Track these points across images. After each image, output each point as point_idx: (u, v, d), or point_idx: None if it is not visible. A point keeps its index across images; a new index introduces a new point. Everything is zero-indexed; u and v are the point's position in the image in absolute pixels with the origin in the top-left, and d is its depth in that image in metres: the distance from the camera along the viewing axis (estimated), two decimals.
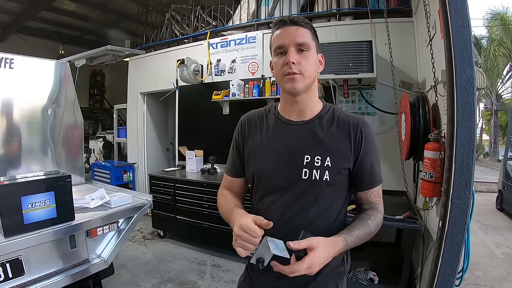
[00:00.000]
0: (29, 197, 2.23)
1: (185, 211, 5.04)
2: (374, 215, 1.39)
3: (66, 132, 3.73)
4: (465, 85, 2.18)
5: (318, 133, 1.39)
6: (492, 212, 8.29)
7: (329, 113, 1.44)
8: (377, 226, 1.38)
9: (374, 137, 1.41)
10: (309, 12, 5.15)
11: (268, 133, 1.48)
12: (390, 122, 4.42)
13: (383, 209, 1.44)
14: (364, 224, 1.35)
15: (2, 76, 3.18)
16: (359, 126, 1.38)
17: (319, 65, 1.42)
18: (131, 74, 7.22)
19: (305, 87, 1.35)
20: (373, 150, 1.39)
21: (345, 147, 1.37)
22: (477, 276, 4.46)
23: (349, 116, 1.43)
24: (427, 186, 2.74)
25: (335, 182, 1.36)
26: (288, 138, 1.42)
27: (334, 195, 1.40)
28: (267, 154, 1.45)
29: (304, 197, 1.37)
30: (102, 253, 2.87)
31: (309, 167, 1.35)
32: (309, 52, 1.33)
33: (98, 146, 9.01)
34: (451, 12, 2.22)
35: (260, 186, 1.48)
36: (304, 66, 1.32)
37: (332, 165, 1.34)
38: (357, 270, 3.41)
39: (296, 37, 1.31)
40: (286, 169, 1.39)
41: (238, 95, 5.21)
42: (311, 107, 1.44)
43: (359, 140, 1.37)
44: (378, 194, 1.44)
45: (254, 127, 1.53)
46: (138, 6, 7.57)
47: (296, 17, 1.36)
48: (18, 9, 7.76)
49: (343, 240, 1.25)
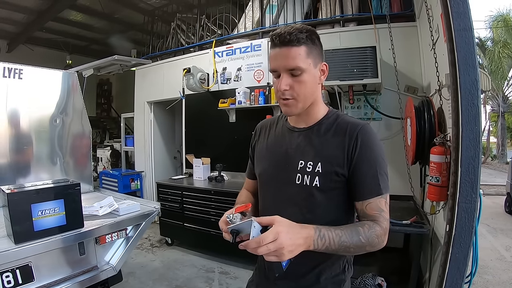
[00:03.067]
0: (39, 204, 2.26)
1: (192, 219, 5.05)
2: (369, 226, 1.26)
3: (74, 141, 3.77)
4: (469, 88, 2.18)
5: (313, 139, 1.40)
6: (501, 215, 8.24)
7: (331, 119, 1.43)
8: (370, 239, 1.25)
9: (373, 144, 1.34)
10: (313, 19, 5.18)
11: (273, 139, 1.54)
12: (396, 127, 4.42)
13: (386, 226, 1.29)
14: (352, 229, 1.25)
15: (12, 86, 3.23)
16: (355, 132, 1.33)
17: (321, 76, 1.38)
18: (138, 83, 7.29)
19: (300, 109, 1.37)
20: (371, 158, 1.31)
21: (337, 153, 1.34)
22: (487, 280, 4.42)
23: (349, 122, 1.38)
24: (434, 190, 2.73)
25: (326, 188, 1.34)
26: (288, 144, 1.46)
27: (331, 202, 1.37)
28: (268, 158, 1.51)
29: (297, 202, 1.38)
30: (111, 260, 2.88)
31: (302, 172, 1.37)
32: (302, 75, 1.30)
33: (105, 154, 9.05)
34: (454, 16, 2.23)
35: (262, 187, 1.56)
36: (297, 91, 1.31)
37: (323, 171, 1.33)
38: (365, 275, 3.39)
39: (287, 62, 1.28)
40: (283, 172, 1.42)
41: (244, 103, 5.23)
42: (313, 115, 1.44)
43: (354, 147, 1.32)
44: (378, 207, 1.29)
45: (264, 132, 1.61)
46: (144, 16, 7.65)
47: (289, 33, 1.26)
48: (26, 20, 7.85)
49: (315, 227, 1.18)
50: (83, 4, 7.18)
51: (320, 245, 1.17)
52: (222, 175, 5.39)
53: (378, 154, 1.33)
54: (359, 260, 3.73)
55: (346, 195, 1.36)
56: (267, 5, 5.54)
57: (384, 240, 1.30)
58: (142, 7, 7.44)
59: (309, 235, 1.15)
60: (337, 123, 1.40)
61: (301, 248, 1.14)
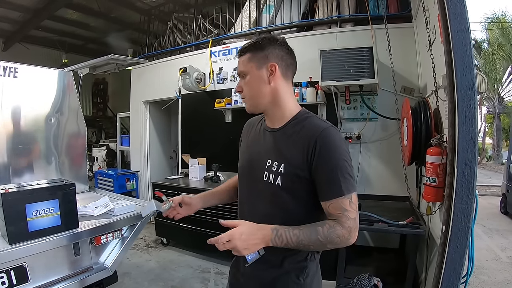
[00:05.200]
0: (33, 204, 2.24)
1: (188, 219, 4.96)
2: (329, 226, 1.34)
3: (70, 140, 3.74)
4: (465, 89, 2.19)
5: (280, 140, 1.51)
6: (496, 216, 8.28)
7: (298, 121, 1.50)
8: (330, 238, 1.33)
9: (333, 148, 1.38)
10: (310, 20, 5.19)
11: (253, 137, 1.69)
12: (392, 128, 4.43)
13: (349, 226, 1.34)
14: (312, 228, 1.34)
15: (7, 85, 3.20)
16: (315, 136, 1.39)
17: (270, 76, 1.49)
18: (134, 82, 7.27)
19: (253, 107, 1.55)
20: (330, 161, 1.37)
21: (299, 156, 1.41)
22: (482, 281, 4.44)
23: (314, 125, 1.45)
24: (430, 191, 2.74)
25: (288, 188, 1.43)
26: (262, 143, 1.59)
27: (297, 201, 1.45)
28: (246, 154, 1.68)
29: (264, 197, 1.50)
30: (106, 260, 2.86)
31: (268, 170, 1.48)
32: (246, 77, 1.51)
33: (101, 154, 9.02)
34: (451, 17, 2.23)
35: (239, 180, 1.72)
36: (245, 91, 1.53)
37: (285, 172, 1.43)
38: (361, 276, 3.40)
39: (238, 68, 1.55)
40: (254, 169, 1.55)
41: (240, 103, 5.20)
42: (280, 117, 1.53)
43: (313, 151, 1.38)
44: (341, 207, 1.35)
45: (248, 130, 1.76)
46: (141, 15, 7.63)
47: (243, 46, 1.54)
48: (22, 18, 7.83)
49: (273, 228, 1.32)
50: (80, 2, 7.17)
51: (278, 243, 1.32)
52: (218, 175, 5.37)
53: (338, 157, 1.38)
54: (354, 261, 3.74)
55: (313, 194, 1.43)
56: (264, 5, 5.53)
57: (350, 238, 1.35)
58: (139, 6, 7.43)
59: (265, 236, 1.31)
60: (303, 125, 1.47)
61: (258, 246, 1.32)
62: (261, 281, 1.56)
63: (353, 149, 4.67)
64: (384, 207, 3.92)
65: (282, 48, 1.52)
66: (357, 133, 4.61)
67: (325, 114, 4.86)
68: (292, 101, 1.56)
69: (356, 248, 4.36)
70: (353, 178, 1.40)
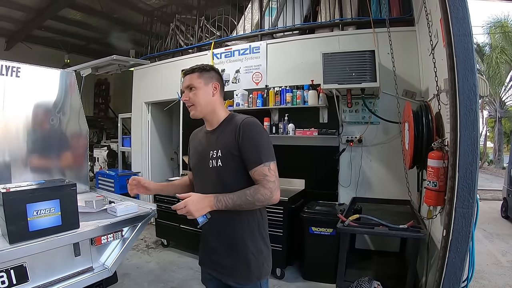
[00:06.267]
0: (34, 204, 2.24)
1: (189, 220, 4.99)
2: (254, 188, 1.81)
3: (71, 140, 3.75)
4: (467, 93, 2.19)
5: (217, 135, 1.98)
6: (497, 220, 8.25)
7: (228, 119, 2.01)
8: (256, 197, 1.79)
9: (252, 129, 1.87)
10: (312, 22, 5.19)
11: (198, 141, 2.15)
12: (394, 131, 4.43)
13: (270, 187, 1.80)
14: (241, 192, 1.80)
15: (9, 84, 3.21)
16: (238, 123, 1.89)
17: (214, 92, 2.01)
18: (136, 83, 7.27)
19: (200, 112, 1.98)
20: (250, 138, 1.84)
21: (230, 140, 1.88)
22: (483, 285, 4.42)
23: (238, 118, 1.95)
24: (431, 195, 2.74)
25: (228, 165, 1.89)
26: (205, 142, 2.05)
27: (233, 176, 1.89)
28: (195, 154, 2.14)
29: (211, 181, 1.93)
30: (106, 261, 2.86)
31: (211, 158, 1.93)
32: (196, 89, 1.96)
33: (102, 154, 9.01)
34: (453, 21, 2.24)
35: (194, 175, 2.19)
36: (192, 100, 1.97)
37: (222, 154, 1.90)
38: (361, 279, 3.39)
39: (185, 83, 2.01)
40: (202, 162, 2.01)
41: (242, 105, 5.23)
42: (216, 121, 2.02)
43: (238, 133, 1.85)
44: (262, 173, 1.81)
45: (194, 139, 2.22)
46: (143, 16, 7.64)
47: (191, 67, 2.04)
48: (25, 18, 7.83)
49: (215, 196, 1.80)
50: (83, 3, 7.17)
51: (219, 206, 1.79)
52: None
53: (255, 135, 1.87)
54: (355, 264, 3.74)
55: (244, 170, 1.87)
56: (267, 7, 5.54)
57: (272, 196, 1.82)
58: (141, 7, 7.44)
59: (210, 202, 1.79)
60: (231, 121, 1.97)
61: (206, 210, 1.79)
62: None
63: (354, 152, 4.68)
64: (384, 210, 3.92)
65: (219, 75, 2.09)
66: (359, 136, 4.61)
67: (326, 117, 4.86)
68: (224, 109, 2.07)
69: (357, 252, 4.36)
70: (270, 151, 1.87)
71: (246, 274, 1.93)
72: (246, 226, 1.94)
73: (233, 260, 1.95)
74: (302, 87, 4.81)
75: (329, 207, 4.40)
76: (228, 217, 1.90)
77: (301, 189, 4.95)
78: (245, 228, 1.94)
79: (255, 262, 1.94)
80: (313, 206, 4.43)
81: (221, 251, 1.99)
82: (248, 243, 1.93)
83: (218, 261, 2.01)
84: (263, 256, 1.98)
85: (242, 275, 1.94)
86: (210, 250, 2.05)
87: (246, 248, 1.93)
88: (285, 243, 4.23)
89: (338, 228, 3.28)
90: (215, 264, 2.03)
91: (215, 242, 2.01)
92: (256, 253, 1.94)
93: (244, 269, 1.93)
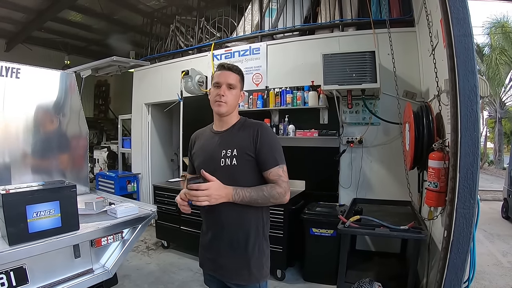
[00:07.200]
0: (34, 206, 2.24)
1: (189, 222, 5.01)
2: (271, 186, 1.90)
3: (71, 141, 3.75)
4: (468, 94, 2.19)
5: (230, 136, 2.04)
6: (498, 221, 8.24)
7: (240, 122, 2.09)
8: (272, 193, 1.88)
9: (269, 134, 1.99)
10: (312, 23, 5.18)
11: (204, 141, 2.17)
12: (394, 132, 4.43)
13: (284, 186, 1.91)
14: (259, 188, 1.89)
15: (9, 85, 3.21)
16: (256, 127, 1.98)
17: (241, 98, 2.12)
18: (136, 84, 7.27)
19: (226, 111, 2.03)
20: (266, 142, 1.94)
21: (247, 141, 1.95)
22: (484, 286, 4.41)
23: (253, 123, 2.05)
24: (432, 196, 2.73)
25: (242, 165, 1.93)
26: (214, 142, 2.07)
27: (244, 174, 1.94)
28: (202, 153, 2.13)
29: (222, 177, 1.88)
30: (106, 263, 2.86)
31: (224, 157, 1.96)
32: (234, 90, 2.04)
33: (102, 156, 9.02)
34: (453, 22, 2.23)
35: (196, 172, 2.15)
36: (228, 99, 2.01)
37: (238, 154, 1.94)
38: (362, 280, 3.38)
39: (228, 79, 2.02)
40: (213, 161, 2.00)
41: (242, 106, 5.20)
42: (230, 122, 2.09)
43: (257, 137, 1.94)
44: (277, 173, 1.92)
45: (198, 139, 2.25)
46: (143, 18, 7.66)
47: (232, 65, 2.09)
48: (25, 19, 7.84)
49: (234, 188, 1.85)
50: (83, 4, 7.17)
51: (236, 198, 1.84)
52: None
53: (273, 139, 2.00)
54: (355, 265, 3.73)
55: (257, 169, 1.95)
56: (267, 8, 5.54)
57: (285, 195, 1.92)
58: (141, 9, 7.44)
59: (228, 192, 1.83)
60: (245, 124, 2.07)
61: (223, 199, 1.82)
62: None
63: (354, 153, 4.67)
64: (385, 211, 3.91)
65: None
66: (359, 137, 4.60)
67: (327, 118, 4.86)
68: (237, 114, 2.14)
69: (357, 253, 4.35)
70: (282, 155, 1.99)
71: (246, 275, 1.94)
72: (251, 226, 1.97)
73: (234, 260, 1.96)
74: (302, 88, 4.81)
75: (329, 208, 4.39)
76: (234, 216, 1.94)
77: (302, 190, 4.94)
78: (251, 228, 1.97)
79: (256, 263, 1.96)
80: (313, 207, 4.42)
81: (222, 251, 1.99)
82: (251, 243, 1.95)
83: (218, 262, 2.01)
84: (265, 258, 2.01)
85: (242, 276, 1.95)
86: (211, 250, 2.05)
87: (249, 248, 1.95)
88: (285, 244, 4.22)
89: (339, 229, 3.27)
90: (215, 265, 2.04)
91: (217, 242, 2.02)
92: (258, 254, 1.97)
93: (245, 270, 1.94)
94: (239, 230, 1.96)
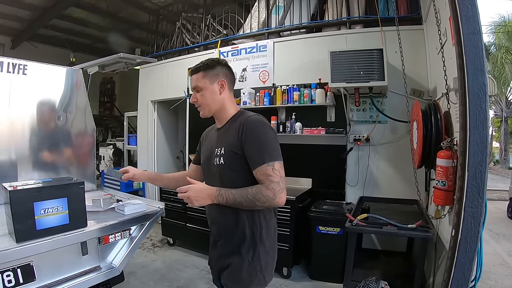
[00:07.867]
0: (41, 203, 2.24)
1: (195, 219, 5.03)
2: (256, 188, 1.76)
3: (77, 138, 3.75)
4: (477, 92, 2.17)
5: (224, 133, 1.99)
6: (504, 220, 8.20)
7: (234, 117, 2.00)
8: (257, 197, 1.73)
9: (256, 128, 1.84)
10: (319, 21, 5.16)
11: (209, 138, 2.17)
12: (402, 130, 4.41)
13: (273, 188, 1.74)
14: (243, 190, 1.77)
15: (15, 82, 3.22)
16: (243, 122, 1.87)
17: (221, 89, 1.98)
18: (142, 82, 7.28)
19: (208, 112, 2.00)
20: (253, 138, 1.81)
21: (233, 138, 1.87)
22: (489, 286, 4.39)
23: (244, 116, 1.94)
24: (440, 195, 2.72)
25: (230, 163, 1.88)
26: (213, 139, 2.06)
27: (236, 173, 1.88)
28: (204, 151, 2.16)
29: (215, 177, 1.94)
30: (114, 260, 2.86)
31: (216, 156, 1.94)
32: (202, 90, 1.96)
33: (108, 153, 9.05)
34: (462, 19, 2.22)
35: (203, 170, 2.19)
36: (200, 102, 1.98)
37: (225, 152, 1.89)
38: (368, 279, 3.38)
39: (193, 83, 1.99)
40: (209, 160, 2.02)
41: (249, 103, 5.21)
42: (223, 117, 2.03)
43: (242, 131, 1.83)
44: (265, 173, 1.75)
45: (207, 136, 2.24)
46: (149, 15, 7.67)
47: (196, 65, 2.02)
48: (30, 17, 7.88)
49: (217, 189, 1.80)
50: (88, 2, 7.20)
51: (220, 200, 1.78)
52: None
53: (260, 133, 1.83)
54: (362, 264, 3.72)
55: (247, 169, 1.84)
56: (273, 5, 5.52)
57: (275, 198, 1.75)
58: (147, 6, 7.46)
59: (211, 193, 1.79)
60: (237, 119, 1.96)
61: (207, 201, 1.80)
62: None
63: (361, 151, 4.66)
64: (392, 210, 3.90)
65: (227, 68, 2.04)
66: (366, 135, 4.58)
67: (334, 115, 4.84)
68: (233, 106, 2.06)
69: (364, 251, 4.34)
70: (275, 150, 1.82)
71: (236, 278, 1.91)
72: (246, 231, 1.90)
73: (230, 260, 1.93)
74: (309, 86, 4.80)
75: (336, 206, 4.38)
76: (229, 218, 1.91)
77: (308, 188, 4.94)
78: (245, 232, 1.90)
79: (249, 269, 1.89)
80: (320, 205, 4.41)
81: (222, 250, 2.00)
82: (245, 248, 1.90)
83: (219, 260, 2.03)
84: (260, 264, 1.91)
85: (232, 277, 1.93)
86: (214, 250, 2.09)
87: (242, 252, 1.90)
88: (292, 242, 4.22)
89: (346, 227, 3.27)
90: (217, 263, 2.05)
91: (217, 242, 2.04)
92: (251, 259, 1.89)
93: (236, 272, 1.91)
94: (234, 233, 1.92)
